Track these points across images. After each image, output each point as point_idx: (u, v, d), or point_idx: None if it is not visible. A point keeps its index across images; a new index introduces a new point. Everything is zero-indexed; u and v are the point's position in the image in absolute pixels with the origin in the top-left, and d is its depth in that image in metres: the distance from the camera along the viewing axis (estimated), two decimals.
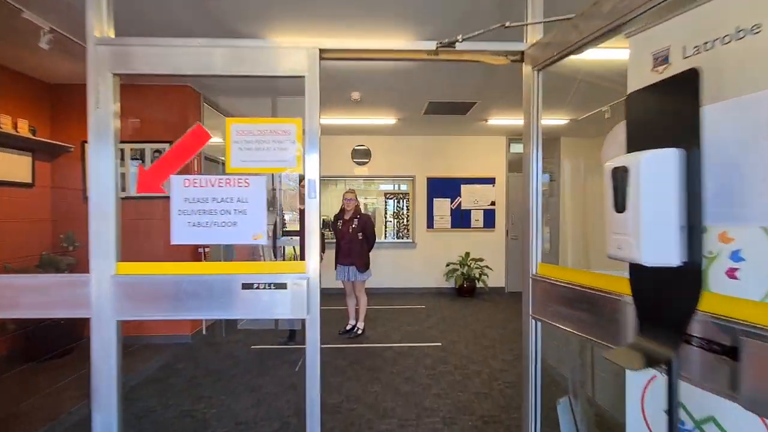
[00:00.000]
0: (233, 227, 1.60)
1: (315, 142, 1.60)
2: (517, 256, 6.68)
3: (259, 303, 1.58)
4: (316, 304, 1.59)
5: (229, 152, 1.60)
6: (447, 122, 5.69)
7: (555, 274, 1.48)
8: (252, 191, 1.60)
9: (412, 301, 6.02)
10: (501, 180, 6.69)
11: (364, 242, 4.25)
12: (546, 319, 1.51)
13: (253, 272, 1.60)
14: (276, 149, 1.60)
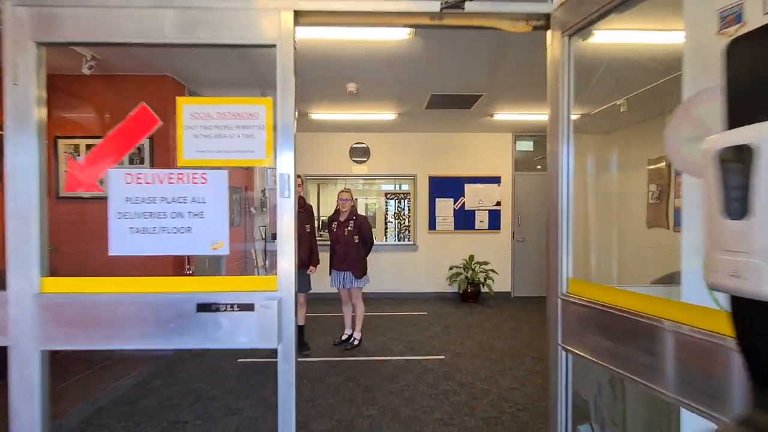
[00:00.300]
0: (187, 234, 1.28)
1: (289, 128, 1.28)
2: (524, 259, 6.35)
3: (219, 329, 1.26)
4: (291, 328, 1.27)
5: (182, 140, 1.28)
6: (450, 117, 5.36)
7: (594, 294, 1.16)
8: (211, 189, 1.28)
9: (413, 307, 5.69)
10: (507, 179, 6.36)
11: (360, 246, 3.92)
12: (580, 352, 1.18)
13: (211, 290, 1.28)
14: (241, 137, 1.28)
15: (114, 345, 1.26)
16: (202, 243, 1.28)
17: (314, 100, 4.48)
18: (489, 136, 6.34)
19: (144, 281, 1.29)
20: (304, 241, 3.73)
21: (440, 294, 6.33)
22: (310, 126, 5.76)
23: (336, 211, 4.03)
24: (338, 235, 3.91)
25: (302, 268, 3.74)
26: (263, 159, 1.29)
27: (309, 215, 3.82)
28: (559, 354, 1.27)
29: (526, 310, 5.51)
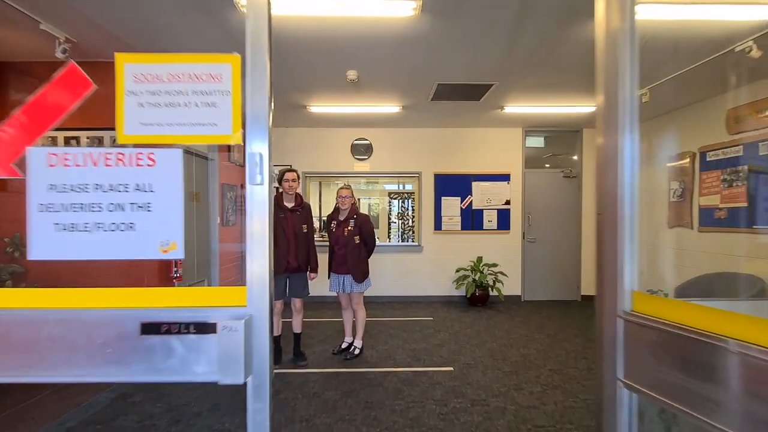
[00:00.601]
0: (129, 232, 0.98)
1: (263, 94, 0.98)
2: (535, 261, 6.02)
3: (169, 357, 0.96)
4: (264, 356, 0.97)
5: (122, 111, 0.99)
6: (457, 111, 5.05)
7: (674, 314, 0.84)
8: (160, 173, 0.99)
9: (418, 311, 5.38)
10: (516, 176, 6.03)
11: (361, 247, 3.62)
12: (653, 393, 0.87)
13: (161, 305, 0.98)
14: (200, 105, 0.98)
15: (30, 377, 0.96)
16: (149, 244, 0.98)
17: (313, 90, 4.19)
18: (498, 132, 6.02)
19: (74, 293, 0.99)
20: (302, 242, 3.44)
21: (446, 298, 6.01)
22: (309, 120, 5.47)
23: (335, 209, 3.73)
24: (338, 235, 3.60)
25: (299, 272, 3.44)
26: (228, 134, 0.99)
27: (307, 214, 3.53)
28: (620, 393, 0.95)
29: (538, 316, 5.18)
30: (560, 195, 6.08)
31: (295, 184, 3.43)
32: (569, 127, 5.97)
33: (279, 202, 3.42)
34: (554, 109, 4.90)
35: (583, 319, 5.03)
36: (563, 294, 6.09)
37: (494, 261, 5.94)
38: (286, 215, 3.40)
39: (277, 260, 3.35)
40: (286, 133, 5.97)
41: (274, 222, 3.41)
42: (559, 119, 5.50)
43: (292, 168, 3.45)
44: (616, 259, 0.97)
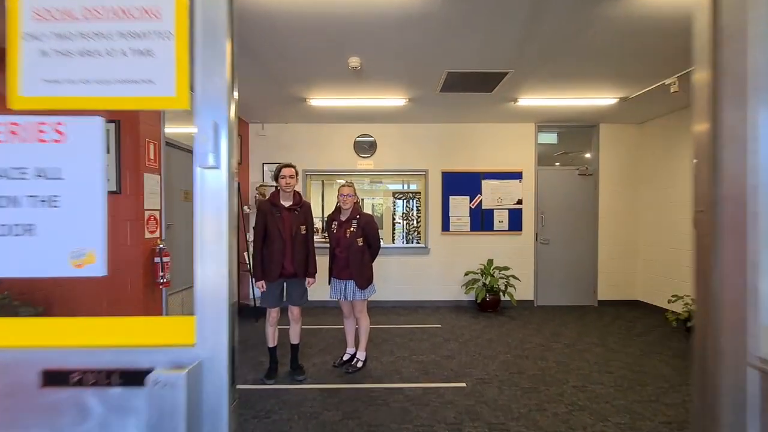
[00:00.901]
0: (26, 239, 0.68)
1: (221, 32, 0.67)
2: (549, 263, 5.69)
3: (83, 421, 0.66)
4: (222, 425, 0.66)
5: (17, 62, 0.68)
6: (467, 104, 4.73)
7: None
8: (72, 153, 0.68)
9: (425, 318, 5.06)
10: (529, 174, 5.70)
11: (365, 250, 3.31)
12: None
13: (72, 343, 0.68)
14: (129, 54, 0.68)
15: None
16: (54, 255, 0.68)
17: (313, 80, 3.89)
18: (509, 127, 5.69)
19: None
20: (300, 245, 3.13)
21: (455, 303, 5.69)
22: (309, 115, 5.17)
23: (336, 209, 3.42)
24: (339, 237, 3.30)
25: (297, 277, 3.14)
26: (171, 96, 0.68)
27: (306, 214, 3.22)
28: None
29: (553, 323, 4.85)
30: (575, 194, 5.74)
31: (293, 180, 3.13)
32: (585, 122, 5.64)
33: (275, 200, 3.12)
34: (572, 101, 4.57)
35: (601, 326, 4.69)
36: (578, 299, 5.75)
37: (505, 264, 5.61)
38: (283, 214, 3.10)
39: (271, 264, 3.05)
40: (285, 129, 5.67)
41: (269, 222, 3.11)
42: (575, 113, 5.16)
43: (290, 164, 3.15)
44: (742, 279, 0.65)
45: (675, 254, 5.08)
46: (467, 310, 5.47)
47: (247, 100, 4.58)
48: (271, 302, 3.12)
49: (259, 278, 3.07)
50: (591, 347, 3.95)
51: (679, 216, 5.03)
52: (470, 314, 5.25)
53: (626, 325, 4.76)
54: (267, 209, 3.10)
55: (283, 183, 3.10)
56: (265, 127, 5.65)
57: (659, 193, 5.39)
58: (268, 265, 3.06)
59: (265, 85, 4.06)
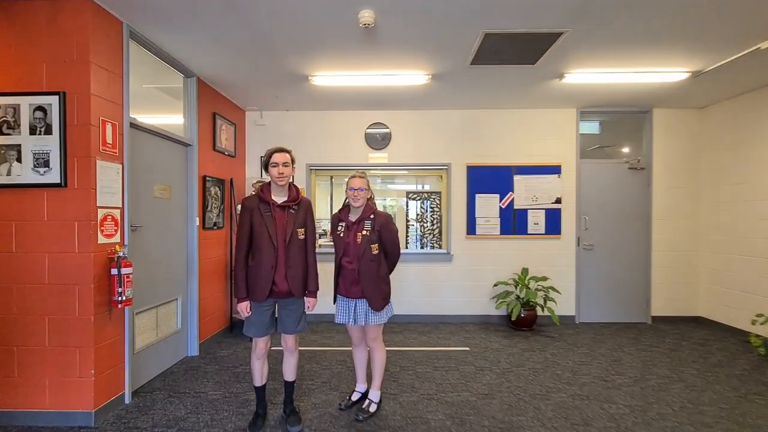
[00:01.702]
0: None
1: None
2: (593, 273, 4.85)
3: None
4: None
5: None
6: (501, 82, 3.95)
7: None
8: None
9: (449, 337, 4.27)
10: (570, 168, 4.88)
11: (381, 260, 2.55)
12: None
13: None
14: None
15: None
16: None
17: (316, 47, 3.15)
18: (547, 114, 4.89)
19: None
20: (297, 254, 2.38)
21: (482, 318, 4.88)
22: (314, 100, 4.44)
23: (345, 206, 2.67)
24: (348, 242, 2.54)
25: (292, 296, 2.39)
26: None
27: (305, 213, 2.47)
28: None
29: (605, 345, 4.01)
30: (624, 191, 4.90)
31: (288, 169, 2.37)
32: (636, 106, 4.80)
33: (264, 195, 2.38)
34: (629, 77, 3.74)
35: (666, 351, 3.85)
36: (628, 314, 4.90)
37: (542, 272, 4.80)
38: (274, 213, 2.35)
39: (258, 279, 2.31)
40: (286, 118, 4.96)
41: (256, 223, 2.35)
42: (627, 95, 4.34)
43: (283, 148, 2.40)
44: None
45: (749, 264, 4.20)
46: (497, 327, 4.66)
47: (238, 78, 3.87)
48: (258, 330, 2.37)
49: (243, 298, 2.33)
50: (667, 383, 3.12)
51: (754, 217, 4.16)
52: (502, 333, 4.44)
53: (698, 349, 3.89)
54: (254, 206, 2.36)
55: (275, 172, 2.35)
56: (263, 115, 4.95)
57: (726, 191, 4.52)
58: (254, 281, 2.32)
59: (258, 57, 3.34)
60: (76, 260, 2.42)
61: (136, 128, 2.92)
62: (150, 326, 3.13)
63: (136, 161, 2.93)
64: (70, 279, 2.43)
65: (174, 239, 3.44)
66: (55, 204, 2.43)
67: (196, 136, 3.71)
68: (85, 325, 2.44)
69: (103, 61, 2.54)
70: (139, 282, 2.95)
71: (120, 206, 2.68)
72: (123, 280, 2.54)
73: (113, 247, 2.59)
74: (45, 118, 2.42)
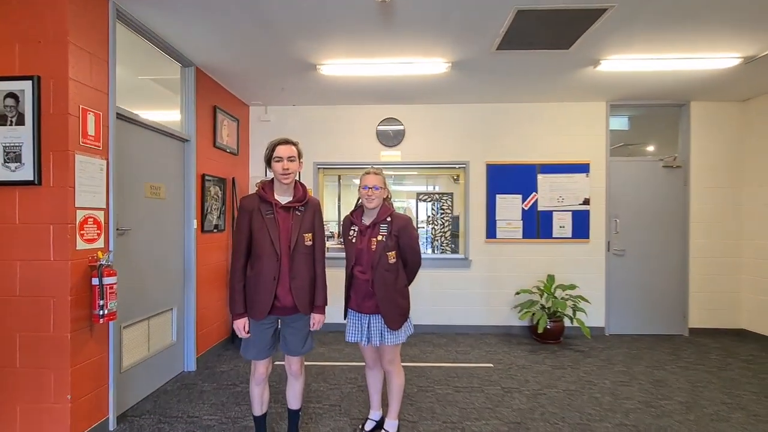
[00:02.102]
0: None
1: None
2: (625, 280, 4.46)
3: None
4: None
5: None
6: (528, 72, 3.59)
7: None
8: None
9: (469, 351, 3.91)
10: (599, 167, 4.50)
11: (399, 269, 2.21)
12: None
13: None
14: None
15: None
16: None
17: (325, 30, 2.82)
18: (574, 107, 4.51)
19: None
20: (303, 262, 2.05)
21: (503, 329, 4.51)
22: (322, 93, 4.12)
23: (357, 208, 2.33)
24: (361, 249, 2.20)
25: (297, 312, 2.05)
26: None
27: (312, 215, 2.13)
28: None
29: (642, 362, 3.62)
30: (659, 191, 4.50)
31: (294, 165, 2.04)
32: (671, 99, 4.40)
33: (266, 194, 2.05)
34: (674, 63, 3.36)
35: (713, 370, 3.44)
36: (663, 326, 4.49)
37: (569, 280, 4.42)
38: (277, 216, 2.02)
39: (257, 292, 1.98)
40: (292, 113, 4.64)
41: (256, 227, 2.01)
42: (663, 85, 3.95)
43: (288, 139, 2.07)
44: None
45: None
46: (521, 339, 4.28)
47: (240, 68, 3.56)
48: (257, 351, 2.04)
49: (239, 314, 2.00)
50: (725, 412, 2.72)
51: None
52: (526, 346, 4.06)
53: (749, 368, 3.48)
54: (254, 207, 2.03)
55: (278, 168, 2.01)
56: (268, 110, 4.65)
57: None
58: (253, 294, 1.99)
59: (261, 43, 3.02)
60: (51, 269, 2.12)
61: (124, 120, 2.62)
62: (140, 341, 2.82)
63: (124, 157, 2.62)
64: (44, 290, 2.12)
65: (169, 243, 3.14)
66: (28, 204, 2.12)
67: (195, 131, 3.40)
68: (61, 343, 2.13)
69: (84, 42, 2.23)
70: (127, 292, 2.64)
71: (104, 207, 2.37)
72: (105, 292, 2.23)
73: (95, 254, 2.28)
74: (17, 106, 2.12)
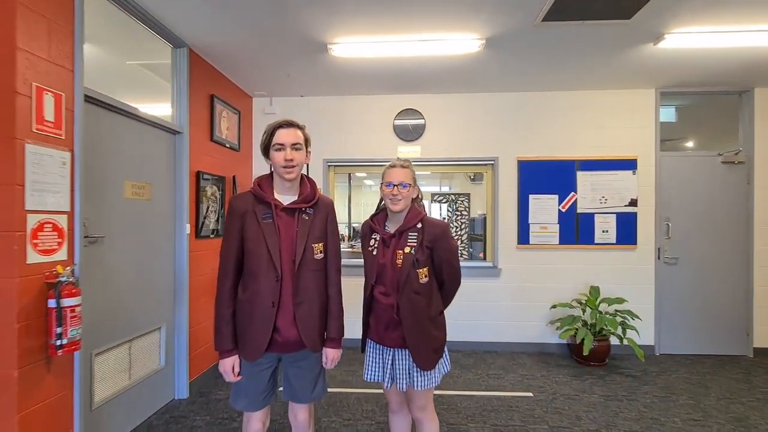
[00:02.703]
0: None
1: None
2: (678, 293, 3.90)
3: None
4: None
5: None
6: (573, 49, 3.07)
7: None
8: None
9: (503, 375, 3.39)
10: (647, 163, 3.94)
11: (433, 291, 1.73)
12: None
13: None
14: None
15: None
16: None
17: (338, 2, 2.35)
18: (618, 95, 3.96)
19: None
20: (311, 281, 1.55)
21: (537, 347, 3.98)
22: (332, 79, 3.65)
23: (380, 211, 1.85)
24: (383, 264, 1.71)
25: (303, 348, 1.56)
26: None
27: (324, 220, 1.63)
28: None
29: (709, 392, 3.06)
30: (717, 191, 3.93)
31: (300, 155, 1.54)
32: (731, 85, 3.83)
33: (261, 192, 1.56)
34: (752, 38, 2.81)
35: None
36: (723, 345, 3.91)
37: (614, 292, 3.87)
38: (277, 220, 1.53)
39: (251, 323, 1.50)
40: (300, 105, 4.19)
41: (250, 235, 1.44)
42: (722, 70, 3.40)
43: (290, 121, 1.59)
44: None
45: None
46: (558, 360, 3.75)
47: (240, 49, 3.11)
48: (250, 401, 1.56)
49: (227, 352, 1.52)
50: None
51: None
52: (567, 369, 3.53)
53: None
54: (247, 209, 1.54)
55: (279, 159, 1.52)
56: (273, 102, 4.20)
57: None
58: (246, 325, 1.51)
59: (264, 17, 2.56)
60: None
61: (96, 104, 2.18)
62: (119, 368, 2.38)
63: (98, 150, 2.18)
64: None
65: (156, 252, 2.69)
66: None
67: (188, 122, 2.96)
68: (6, 384, 1.68)
69: (39, 4, 1.80)
70: (101, 312, 2.20)
71: (67, 210, 1.92)
72: (64, 316, 1.78)
73: (53, 269, 1.83)
74: None
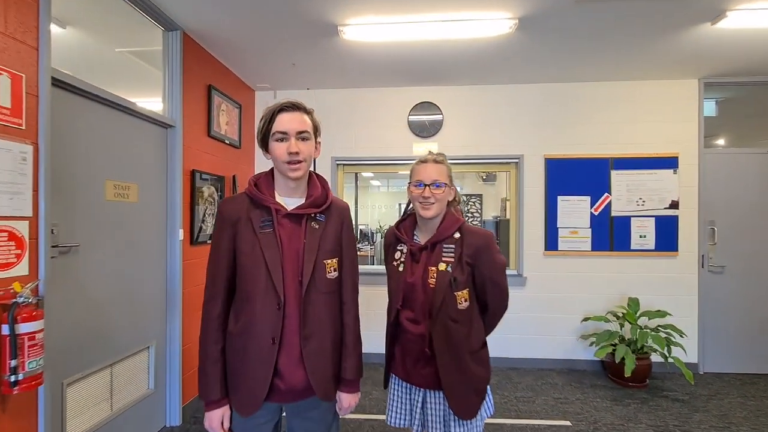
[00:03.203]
0: None
1: None
2: (723, 305, 3.51)
3: None
4: None
5: None
6: (616, 30, 2.71)
7: None
8: None
9: (533, 398, 3.03)
10: (690, 161, 3.56)
11: (474, 317, 1.38)
12: None
13: None
14: None
15: None
16: None
17: None
18: (657, 86, 3.59)
19: None
20: (322, 306, 1.19)
21: (567, 363, 3.61)
22: (342, 69, 3.31)
23: (407, 216, 1.51)
24: (411, 283, 1.37)
25: (312, 396, 1.20)
26: None
27: (338, 229, 1.26)
28: None
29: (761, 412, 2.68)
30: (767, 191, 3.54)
31: (307, 147, 1.19)
32: None
33: (259, 194, 1.20)
34: None
35: None
36: None
37: (653, 304, 3.49)
38: (279, 229, 1.16)
39: (244, 365, 1.15)
40: (308, 98, 3.84)
41: (244, 248, 1.00)
42: None
43: (295, 102, 1.24)
44: None
45: None
46: (593, 380, 3.37)
47: (239, 33, 2.79)
48: None
49: (215, 402, 1.17)
50: None
51: None
52: (603, 391, 3.16)
53: None
54: (240, 216, 1.18)
55: (281, 152, 1.16)
56: (278, 95, 3.88)
57: None
58: (238, 368, 1.16)
59: None
60: None
61: (67, 90, 1.85)
62: (98, 397, 2.05)
63: (70, 143, 1.86)
64: None
65: (143, 261, 2.37)
66: None
67: (181, 115, 2.64)
68: None
69: None
70: (73, 334, 1.87)
71: (29, 215, 1.60)
72: (21, 345, 1.46)
73: (9, 287, 1.51)
74: None
